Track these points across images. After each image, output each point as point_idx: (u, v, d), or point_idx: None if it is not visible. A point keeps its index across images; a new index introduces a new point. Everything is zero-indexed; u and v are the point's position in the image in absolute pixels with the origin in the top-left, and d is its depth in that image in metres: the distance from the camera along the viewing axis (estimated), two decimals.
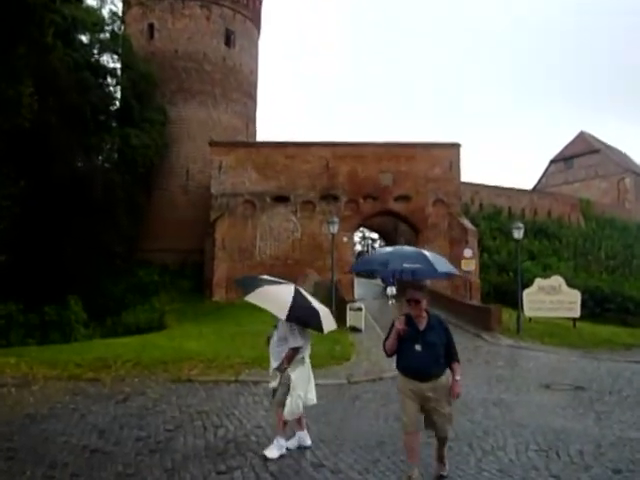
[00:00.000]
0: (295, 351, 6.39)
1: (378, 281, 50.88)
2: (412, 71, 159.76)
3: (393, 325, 5.38)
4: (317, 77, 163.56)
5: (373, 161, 30.22)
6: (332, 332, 6.63)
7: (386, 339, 5.41)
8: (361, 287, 38.60)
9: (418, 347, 5.19)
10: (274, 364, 6.50)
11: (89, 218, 27.81)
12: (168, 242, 33.67)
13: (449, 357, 5.32)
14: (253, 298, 6.28)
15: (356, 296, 28.60)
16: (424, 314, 5.28)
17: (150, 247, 33.54)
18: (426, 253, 5.45)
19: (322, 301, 24.26)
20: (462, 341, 17.12)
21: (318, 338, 14.70)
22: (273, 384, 6.53)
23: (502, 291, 30.39)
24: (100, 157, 32.41)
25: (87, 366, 11.49)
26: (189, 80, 35.69)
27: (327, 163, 30.14)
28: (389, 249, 5.68)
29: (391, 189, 30.23)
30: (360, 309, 19.53)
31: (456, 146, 30.86)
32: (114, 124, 32.97)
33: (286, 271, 28.51)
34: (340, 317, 20.65)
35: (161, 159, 33.97)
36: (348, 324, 19.38)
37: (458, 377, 5.33)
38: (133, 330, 22.85)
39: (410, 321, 5.28)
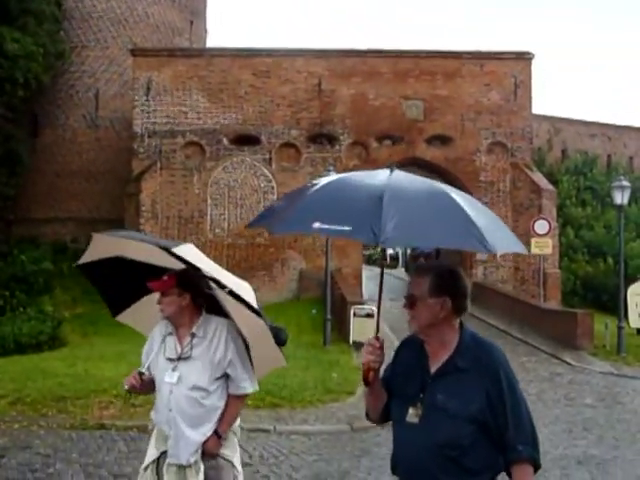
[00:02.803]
0: (243, 401, 5.14)
1: (400, 272, 51.11)
2: None
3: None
4: None
5: (393, 80, 30.09)
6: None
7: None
8: (373, 280, 38.74)
9: (412, 415, 3.51)
10: (186, 442, 4.75)
11: None
12: (66, 208, 33.56)
13: (501, 446, 3.41)
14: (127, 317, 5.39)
15: (365, 295, 28.69)
16: (448, 337, 3.54)
17: (37, 216, 33.42)
18: (462, 205, 3.42)
19: (312, 301, 24.42)
20: (531, 365, 17.27)
21: (299, 360, 14.72)
22: None
23: (595, 287, 30.59)
24: None
25: None
26: None
27: (319, 83, 29.98)
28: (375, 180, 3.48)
29: (421, 125, 30.16)
30: (370, 315, 19.61)
31: (526, 57, 30.75)
32: None
33: (253, 255, 28.59)
34: (339, 327, 20.80)
35: (54, 77, 33.68)
36: (352, 338, 19.49)
37: None
38: (11, 348, 22.77)
39: (414, 351, 3.66)
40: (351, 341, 19.50)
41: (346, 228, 3.15)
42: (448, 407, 3.38)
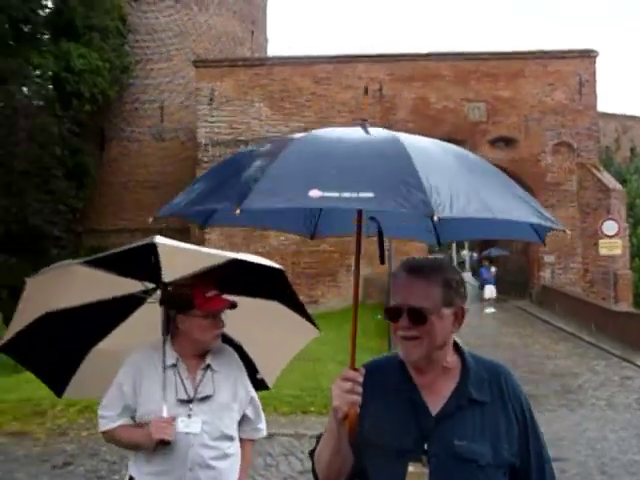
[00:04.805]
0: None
1: (467, 276, 50.65)
2: None
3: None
4: None
5: (455, 83, 29.89)
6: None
7: (318, 440, 2.66)
8: None
9: (416, 474, 2.44)
10: None
11: (6, 186, 28.21)
12: (133, 219, 34.05)
13: None
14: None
15: None
16: (450, 360, 2.57)
17: (105, 227, 34.02)
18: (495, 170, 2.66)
19: (377, 306, 24.26)
20: (601, 369, 16.90)
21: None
22: None
23: None
24: (25, 89, 32.86)
25: (9, 412, 11.72)
26: None
27: (380, 88, 29.94)
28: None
29: (484, 127, 29.89)
30: None
31: (590, 55, 30.28)
32: (46, 36, 33.32)
33: (318, 262, 28.61)
34: None
35: (120, 90, 34.33)
36: None
37: None
38: None
39: (392, 383, 2.58)
40: None
41: (365, 195, 2.12)
42: (475, 455, 2.43)
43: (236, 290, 3.83)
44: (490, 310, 28.32)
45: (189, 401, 3.67)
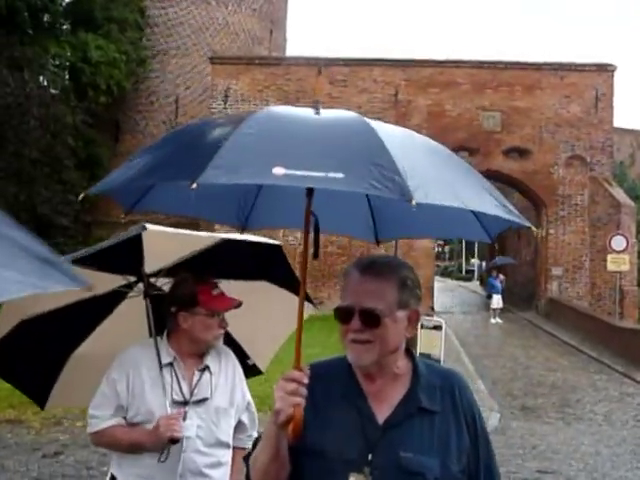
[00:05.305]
0: None
1: (475, 285, 50.56)
2: None
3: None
4: None
5: (470, 91, 29.85)
6: None
7: (255, 445, 2.52)
8: (445, 293, 38.45)
9: None
10: None
11: (16, 175, 28.29)
12: (144, 212, 34.22)
13: None
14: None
15: (436, 307, 28.48)
16: (401, 365, 2.39)
17: (115, 219, 34.02)
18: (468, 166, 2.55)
19: None
20: (602, 384, 16.85)
21: None
22: None
23: None
24: (41, 78, 33.02)
25: (5, 400, 11.73)
26: None
27: (396, 93, 29.92)
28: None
29: (499, 137, 29.82)
30: (439, 327, 19.36)
31: (608, 69, 30.23)
32: (65, 26, 33.47)
33: (325, 263, 28.58)
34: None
35: (136, 83, 34.46)
36: (419, 350, 19.29)
37: None
38: None
39: (338, 389, 2.37)
40: (418, 353, 19.33)
41: (334, 175, 1.97)
42: (422, 469, 2.25)
43: (219, 274, 3.68)
44: (496, 320, 28.33)
45: (184, 403, 3.48)
